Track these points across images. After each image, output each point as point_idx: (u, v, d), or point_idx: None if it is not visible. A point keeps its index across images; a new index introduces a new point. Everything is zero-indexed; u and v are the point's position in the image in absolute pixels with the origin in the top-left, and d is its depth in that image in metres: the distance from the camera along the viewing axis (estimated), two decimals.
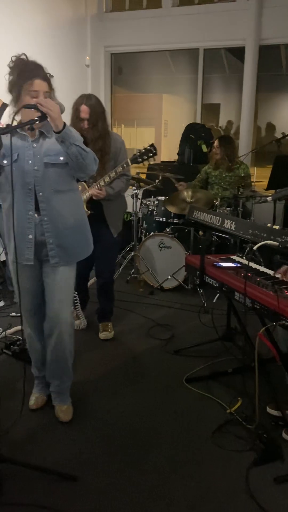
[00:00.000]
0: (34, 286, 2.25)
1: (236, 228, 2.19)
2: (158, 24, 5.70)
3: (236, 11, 5.30)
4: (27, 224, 2.10)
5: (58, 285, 2.19)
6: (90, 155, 2.00)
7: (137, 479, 1.94)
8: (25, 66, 1.99)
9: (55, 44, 5.07)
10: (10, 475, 1.91)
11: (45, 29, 5.01)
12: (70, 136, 1.92)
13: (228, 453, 2.11)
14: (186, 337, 3.30)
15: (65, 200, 2.11)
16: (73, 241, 2.18)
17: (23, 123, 1.89)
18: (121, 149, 2.98)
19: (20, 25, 4.62)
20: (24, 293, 2.22)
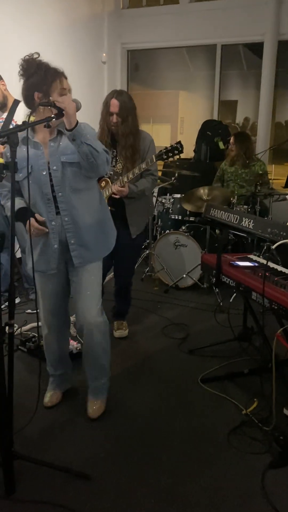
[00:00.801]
0: (57, 288, 2.25)
1: (255, 227, 2.16)
2: (175, 20, 5.66)
3: (255, 6, 5.22)
4: (52, 235, 2.11)
5: (84, 284, 2.19)
6: (102, 156, 1.95)
7: (152, 479, 1.93)
8: (49, 65, 1.99)
9: (72, 41, 5.07)
10: (24, 472, 1.91)
11: (62, 26, 5.01)
12: (82, 135, 1.88)
13: (244, 455, 2.08)
14: (201, 337, 3.26)
15: (84, 198, 2.09)
16: (95, 239, 2.16)
17: (40, 120, 1.88)
18: (149, 147, 2.94)
19: (37, 23, 4.63)
20: (46, 294, 2.25)
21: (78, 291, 2.21)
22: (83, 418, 2.30)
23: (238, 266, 2.43)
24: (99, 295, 2.27)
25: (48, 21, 4.81)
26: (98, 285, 2.25)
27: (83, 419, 2.30)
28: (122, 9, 6.02)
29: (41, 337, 3.02)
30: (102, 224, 2.21)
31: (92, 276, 2.21)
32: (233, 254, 2.70)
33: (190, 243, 4.11)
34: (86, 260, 2.16)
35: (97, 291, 2.25)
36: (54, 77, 1.97)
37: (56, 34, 4.89)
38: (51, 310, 2.30)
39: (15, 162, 1.73)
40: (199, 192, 4.21)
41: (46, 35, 4.75)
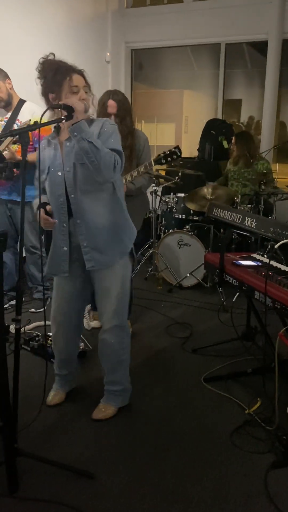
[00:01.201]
0: (70, 290, 2.25)
1: (257, 226, 2.15)
2: (179, 19, 5.65)
3: (259, 4, 5.20)
4: (61, 237, 2.12)
5: (101, 291, 2.19)
6: (105, 157, 1.88)
7: (155, 478, 1.93)
8: (59, 64, 1.99)
9: (76, 40, 5.08)
10: (28, 470, 1.92)
11: (66, 25, 5.02)
12: (82, 130, 1.86)
13: (247, 454, 2.08)
14: (204, 336, 3.26)
15: (95, 200, 2.06)
16: (108, 242, 2.11)
17: (51, 121, 1.90)
18: (144, 146, 2.96)
19: (41, 23, 4.64)
20: (58, 293, 2.28)
21: (97, 296, 2.22)
22: (87, 417, 2.31)
23: (241, 265, 2.43)
24: (123, 302, 2.21)
25: (53, 20, 4.81)
26: (117, 291, 2.18)
27: (87, 418, 2.30)
28: (126, 8, 6.01)
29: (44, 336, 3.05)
30: (116, 227, 2.13)
31: (108, 282, 2.17)
32: (236, 254, 2.69)
33: (194, 242, 4.11)
34: (99, 263, 2.13)
35: (115, 298, 2.19)
36: (64, 76, 1.96)
37: (60, 34, 4.90)
38: (61, 310, 2.30)
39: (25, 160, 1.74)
40: (203, 191, 4.21)
41: (50, 34, 4.76)
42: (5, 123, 3.31)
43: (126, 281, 2.21)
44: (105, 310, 2.22)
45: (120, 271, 2.18)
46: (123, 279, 2.20)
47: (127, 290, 2.24)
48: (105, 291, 2.19)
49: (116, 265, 2.16)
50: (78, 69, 2.02)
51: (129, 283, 2.25)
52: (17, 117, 3.29)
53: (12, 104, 3.30)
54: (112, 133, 2.00)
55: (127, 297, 2.26)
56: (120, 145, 2.02)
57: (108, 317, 2.21)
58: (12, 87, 3.30)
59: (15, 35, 4.30)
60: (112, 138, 1.99)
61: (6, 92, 3.24)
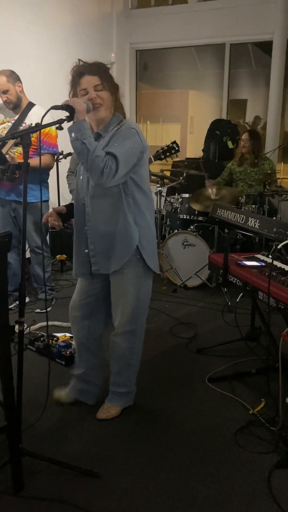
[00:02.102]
0: (88, 287, 2.25)
1: (260, 226, 2.15)
2: (184, 19, 5.66)
3: (263, 4, 5.20)
4: (83, 239, 2.15)
5: (113, 295, 2.20)
6: (96, 161, 1.84)
7: (159, 478, 1.94)
8: (75, 70, 2.00)
9: (81, 41, 5.09)
10: (32, 469, 1.94)
11: (71, 27, 5.04)
12: (79, 130, 1.85)
13: (251, 454, 2.08)
14: (209, 336, 3.27)
15: (101, 206, 2.06)
16: (112, 248, 2.09)
17: (52, 122, 1.89)
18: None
19: (46, 23, 4.67)
20: (77, 288, 2.29)
21: (111, 299, 2.22)
22: (92, 416, 2.32)
23: (245, 265, 2.43)
24: (134, 307, 2.18)
25: (57, 22, 4.84)
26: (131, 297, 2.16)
27: (91, 417, 2.32)
28: (131, 9, 6.03)
29: (50, 336, 3.06)
30: (122, 235, 2.08)
31: (120, 288, 2.16)
32: (240, 254, 2.70)
33: (198, 243, 4.11)
34: (103, 268, 2.13)
35: (126, 304, 2.17)
36: (77, 81, 1.98)
37: (65, 35, 4.92)
38: (75, 304, 2.30)
39: (27, 163, 1.76)
40: (208, 191, 4.21)
41: (55, 36, 4.79)
42: (12, 124, 3.33)
43: (141, 290, 2.17)
44: (117, 314, 2.22)
45: (133, 279, 2.13)
46: (138, 287, 2.15)
47: (143, 299, 2.20)
48: (117, 296, 2.19)
49: (128, 272, 2.12)
50: (93, 68, 1.98)
51: (145, 293, 2.21)
52: (24, 120, 3.31)
53: (20, 106, 3.33)
54: (123, 138, 1.95)
55: (142, 305, 2.21)
56: (127, 152, 1.93)
57: (120, 322, 2.21)
58: (22, 90, 3.32)
59: (20, 37, 4.33)
60: (118, 143, 1.93)
61: (15, 95, 3.26)
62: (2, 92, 3.23)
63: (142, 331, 2.29)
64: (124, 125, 2.00)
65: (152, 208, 2.20)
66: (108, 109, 2.01)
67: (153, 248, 2.19)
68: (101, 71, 1.98)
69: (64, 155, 4.11)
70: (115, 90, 2.05)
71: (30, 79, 3.73)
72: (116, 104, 2.06)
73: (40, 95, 3.68)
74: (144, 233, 2.12)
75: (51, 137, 3.35)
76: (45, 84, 4.50)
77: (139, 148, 1.99)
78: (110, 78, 2.02)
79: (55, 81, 4.63)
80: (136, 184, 2.06)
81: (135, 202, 2.08)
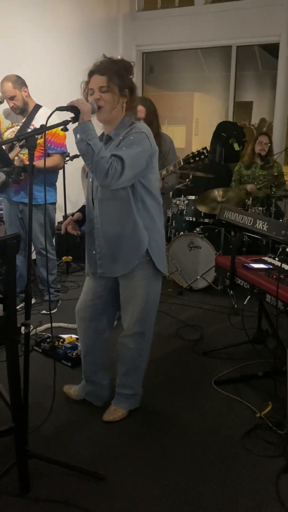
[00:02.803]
0: (97, 288, 2.25)
1: (269, 229, 2.15)
2: (190, 22, 5.66)
3: (270, 6, 5.19)
4: (92, 240, 2.15)
5: (123, 297, 2.20)
6: (101, 163, 1.83)
7: (166, 481, 1.93)
8: (90, 68, 1.98)
9: (88, 44, 5.11)
10: (38, 471, 1.93)
11: (78, 29, 5.06)
12: (84, 131, 1.85)
13: (258, 458, 2.07)
14: (215, 339, 3.26)
15: (110, 208, 2.06)
16: (118, 252, 2.09)
17: (57, 124, 1.89)
18: (170, 149, 3.22)
19: (54, 26, 4.69)
20: (85, 288, 2.29)
21: (121, 302, 2.23)
22: (98, 418, 2.32)
23: (252, 268, 2.43)
24: (143, 310, 2.17)
25: (65, 24, 4.86)
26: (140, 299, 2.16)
27: (97, 419, 2.31)
28: (137, 11, 6.04)
29: (56, 337, 3.06)
30: (130, 240, 2.07)
31: (129, 291, 2.16)
32: (247, 256, 2.69)
33: (204, 245, 4.10)
34: (108, 271, 2.14)
35: (136, 307, 2.16)
36: (88, 79, 1.98)
37: (71, 37, 4.94)
38: (82, 304, 2.30)
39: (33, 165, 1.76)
40: (214, 193, 4.20)
41: (62, 38, 4.81)
42: (19, 127, 3.34)
43: (150, 292, 2.16)
44: (126, 316, 2.22)
45: (143, 281, 2.13)
46: (147, 289, 2.15)
47: (152, 301, 2.20)
48: (126, 297, 2.19)
49: (137, 274, 2.11)
50: (104, 68, 1.95)
51: (154, 295, 2.21)
52: (32, 122, 3.32)
53: (27, 110, 3.34)
54: (132, 142, 1.92)
55: (151, 306, 2.21)
56: (135, 156, 1.91)
57: (129, 323, 2.21)
58: (29, 94, 3.33)
59: (27, 39, 4.35)
60: (127, 146, 1.91)
61: (21, 100, 3.27)
62: (9, 98, 3.24)
63: (150, 333, 2.29)
64: (134, 129, 1.97)
65: (161, 211, 2.20)
66: (113, 111, 1.97)
67: (162, 250, 2.19)
68: (111, 71, 1.93)
69: (70, 157, 4.11)
70: (130, 91, 2.00)
71: (36, 81, 3.74)
72: (129, 106, 2.02)
73: (47, 97, 3.69)
74: (153, 236, 2.11)
75: (58, 137, 3.35)
76: (51, 86, 4.52)
77: (148, 153, 1.98)
78: (122, 79, 1.96)
79: (61, 83, 4.66)
80: (145, 188, 2.05)
81: (144, 206, 2.07)
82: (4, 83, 3.21)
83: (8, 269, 1.64)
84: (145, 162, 1.98)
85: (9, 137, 3.37)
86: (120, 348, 2.29)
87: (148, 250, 2.09)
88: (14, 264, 1.65)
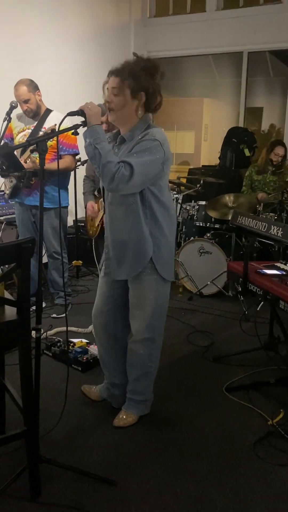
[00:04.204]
0: (107, 293, 2.26)
1: (283, 235, 2.13)
2: (202, 28, 5.67)
3: (281, 13, 5.19)
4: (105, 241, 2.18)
5: (131, 302, 2.19)
6: (108, 167, 1.84)
7: (177, 487, 1.91)
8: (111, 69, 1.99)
9: (99, 49, 5.14)
10: (49, 476, 1.93)
11: (90, 34, 5.09)
12: (92, 135, 1.85)
13: (270, 466, 2.04)
14: (226, 345, 3.23)
15: (118, 213, 2.06)
16: (124, 256, 2.09)
17: (68, 128, 1.90)
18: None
19: (66, 31, 4.72)
20: (98, 295, 2.30)
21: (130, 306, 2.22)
22: (109, 423, 2.31)
23: (266, 274, 2.41)
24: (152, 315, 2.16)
25: (77, 29, 4.89)
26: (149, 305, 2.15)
27: (108, 424, 2.30)
28: (149, 17, 6.07)
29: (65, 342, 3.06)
30: (135, 246, 2.06)
31: (137, 295, 2.15)
32: (259, 262, 2.67)
33: (215, 250, 4.09)
34: (113, 273, 2.15)
35: (144, 312, 2.16)
36: (107, 80, 1.99)
37: (83, 43, 4.98)
38: (97, 309, 2.31)
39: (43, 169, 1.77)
40: (225, 199, 4.19)
41: (74, 43, 4.84)
42: (31, 131, 3.37)
43: (159, 297, 2.15)
44: (135, 321, 2.21)
45: (151, 286, 2.12)
46: (156, 294, 2.13)
47: (161, 306, 2.19)
48: (135, 302, 2.18)
49: (146, 279, 2.11)
50: (120, 69, 1.93)
51: (163, 300, 2.19)
52: (43, 125, 3.34)
53: (39, 114, 3.37)
54: (145, 149, 1.91)
55: (160, 312, 2.20)
56: (146, 164, 1.90)
57: (139, 329, 2.20)
58: (41, 98, 3.36)
59: (40, 44, 4.39)
60: (138, 153, 1.90)
61: (35, 103, 3.30)
62: (23, 101, 3.27)
63: (160, 338, 2.28)
64: (148, 134, 1.94)
65: (173, 219, 2.16)
66: (123, 114, 1.97)
67: (167, 258, 2.15)
68: (126, 73, 1.91)
69: (82, 161, 4.13)
70: (147, 93, 1.96)
71: (49, 86, 3.77)
72: (147, 108, 2.00)
73: (59, 101, 3.72)
74: (159, 244, 2.09)
75: (70, 138, 3.37)
76: (64, 90, 4.55)
77: (160, 160, 1.96)
78: (137, 82, 1.92)
79: (73, 87, 4.69)
80: (154, 195, 2.03)
81: (152, 213, 2.05)
82: (19, 87, 3.24)
83: (23, 273, 1.64)
84: (157, 170, 1.97)
85: (21, 140, 3.39)
86: (130, 354, 2.28)
87: (152, 258, 2.07)
88: (28, 268, 1.66)
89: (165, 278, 2.14)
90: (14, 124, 3.45)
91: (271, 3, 5.33)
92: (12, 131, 3.47)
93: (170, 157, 2.06)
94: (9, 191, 3.45)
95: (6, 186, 3.49)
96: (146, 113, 2.01)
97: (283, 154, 4.39)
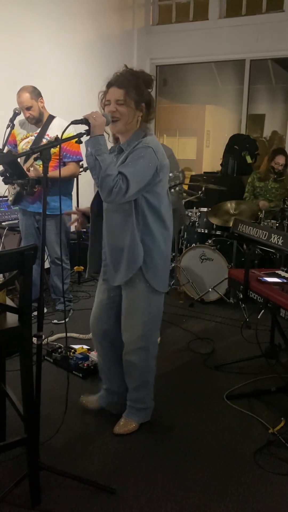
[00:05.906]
0: (104, 300, 2.26)
1: (284, 243, 2.14)
2: (205, 36, 5.71)
3: (284, 21, 5.22)
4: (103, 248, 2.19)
5: (123, 309, 2.19)
6: (104, 179, 1.85)
7: (178, 496, 1.91)
8: (109, 79, 2.00)
9: (102, 56, 5.17)
10: (49, 483, 1.92)
11: (94, 42, 5.13)
12: (94, 146, 1.86)
13: (271, 476, 2.03)
14: (227, 352, 3.23)
15: (114, 219, 2.08)
16: (118, 262, 2.10)
17: (72, 136, 1.91)
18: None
19: (69, 39, 4.76)
20: (95, 302, 2.31)
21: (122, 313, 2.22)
22: (109, 431, 2.30)
23: (266, 282, 2.41)
24: (145, 324, 2.16)
25: (80, 37, 4.93)
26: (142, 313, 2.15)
27: (109, 432, 2.30)
28: (152, 25, 6.11)
29: (68, 348, 3.06)
30: (129, 252, 2.06)
31: (129, 303, 2.16)
32: (260, 270, 2.67)
33: (216, 257, 4.09)
34: (110, 278, 2.16)
35: (137, 320, 2.16)
36: (106, 90, 1.99)
37: (87, 50, 5.01)
38: (95, 316, 2.31)
39: (47, 177, 1.77)
40: (226, 206, 4.20)
41: (77, 51, 4.88)
42: (34, 138, 3.39)
43: (151, 306, 2.15)
44: (127, 331, 2.20)
45: (144, 294, 2.12)
46: (148, 302, 2.14)
47: (154, 315, 2.18)
48: (127, 311, 2.18)
49: (138, 287, 2.11)
50: (122, 81, 1.95)
51: (156, 309, 2.19)
52: (47, 132, 3.36)
53: (42, 121, 3.39)
54: (138, 157, 1.92)
55: (153, 321, 2.20)
56: (139, 172, 1.92)
57: (131, 338, 2.20)
58: (44, 105, 3.38)
59: (43, 51, 4.43)
60: (132, 161, 1.92)
61: (38, 110, 3.32)
62: (25, 108, 3.29)
63: (154, 348, 2.28)
64: (142, 142, 1.97)
65: (168, 229, 2.14)
66: (128, 124, 1.99)
67: (161, 269, 2.14)
68: (130, 85, 1.94)
69: (84, 168, 4.14)
70: (146, 105, 2.00)
71: (52, 93, 3.80)
72: (145, 119, 2.02)
73: (62, 108, 3.74)
74: (150, 252, 2.08)
75: (74, 145, 3.39)
76: (67, 98, 4.58)
77: (154, 167, 1.96)
78: (139, 93, 1.96)
79: (76, 94, 4.72)
80: (148, 203, 2.03)
81: (145, 221, 2.05)
82: (22, 94, 3.27)
83: (24, 280, 1.65)
84: (151, 177, 1.97)
85: (24, 147, 3.41)
86: (126, 366, 2.28)
87: (141, 266, 2.07)
88: (30, 275, 1.66)
89: (156, 289, 2.13)
90: (17, 131, 3.48)
91: (273, 12, 5.36)
92: (15, 138, 3.49)
93: (166, 164, 2.06)
94: (12, 198, 3.47)
95: (10, 192, 3.51)
96: (143, 123, 2.04)
97: (283, 163, 4.40)
